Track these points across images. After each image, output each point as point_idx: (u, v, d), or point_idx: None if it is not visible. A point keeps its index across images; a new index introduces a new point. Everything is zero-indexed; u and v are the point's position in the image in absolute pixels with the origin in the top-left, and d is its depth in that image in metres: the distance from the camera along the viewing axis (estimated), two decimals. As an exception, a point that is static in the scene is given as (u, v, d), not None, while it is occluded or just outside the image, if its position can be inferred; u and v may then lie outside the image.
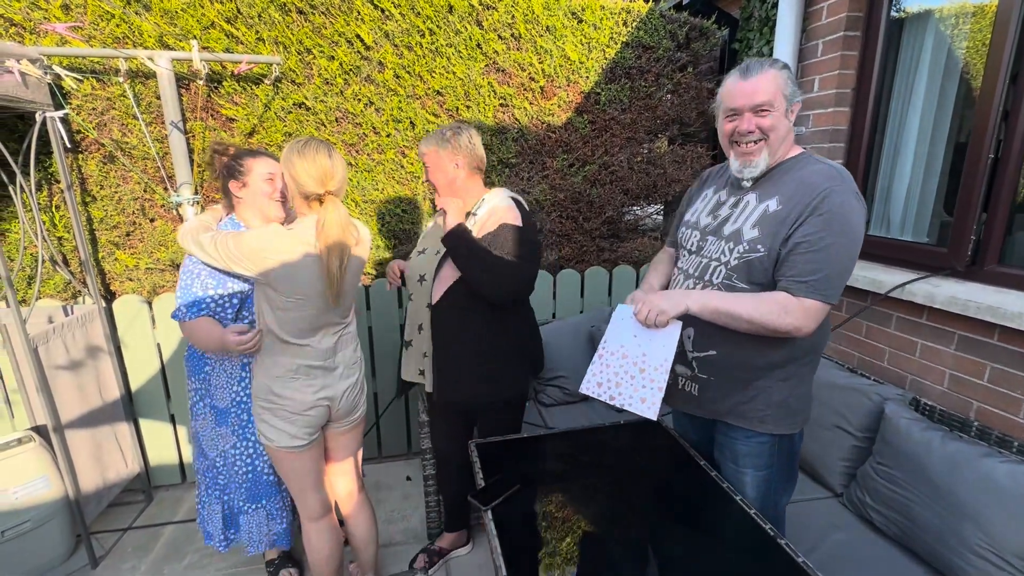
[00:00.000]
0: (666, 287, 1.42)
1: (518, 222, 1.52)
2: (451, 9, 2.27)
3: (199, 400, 1.61)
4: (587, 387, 1.20)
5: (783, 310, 1.09)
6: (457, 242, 1.50)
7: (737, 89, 1.15)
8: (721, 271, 1.21)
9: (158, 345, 2.24)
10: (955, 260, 1.71)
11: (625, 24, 2.45)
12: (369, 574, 1.70)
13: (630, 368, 1.17)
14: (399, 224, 2.46)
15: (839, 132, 2.09)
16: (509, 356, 1.61)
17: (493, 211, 1.54)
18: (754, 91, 1.12)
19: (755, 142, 1.16)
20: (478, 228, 1.54)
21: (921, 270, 1.81)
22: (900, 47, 1.95)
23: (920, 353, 1.76)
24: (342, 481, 1.62)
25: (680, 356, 1.30)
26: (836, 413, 1.76)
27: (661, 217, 3.12)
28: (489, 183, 2.47)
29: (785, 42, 2.20)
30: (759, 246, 1.15)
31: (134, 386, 2.26)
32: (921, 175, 1.92)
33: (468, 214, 1.60)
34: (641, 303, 1.16)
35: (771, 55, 2.31)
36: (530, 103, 2.46)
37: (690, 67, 2.62)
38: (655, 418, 1.15)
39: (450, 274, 1.55)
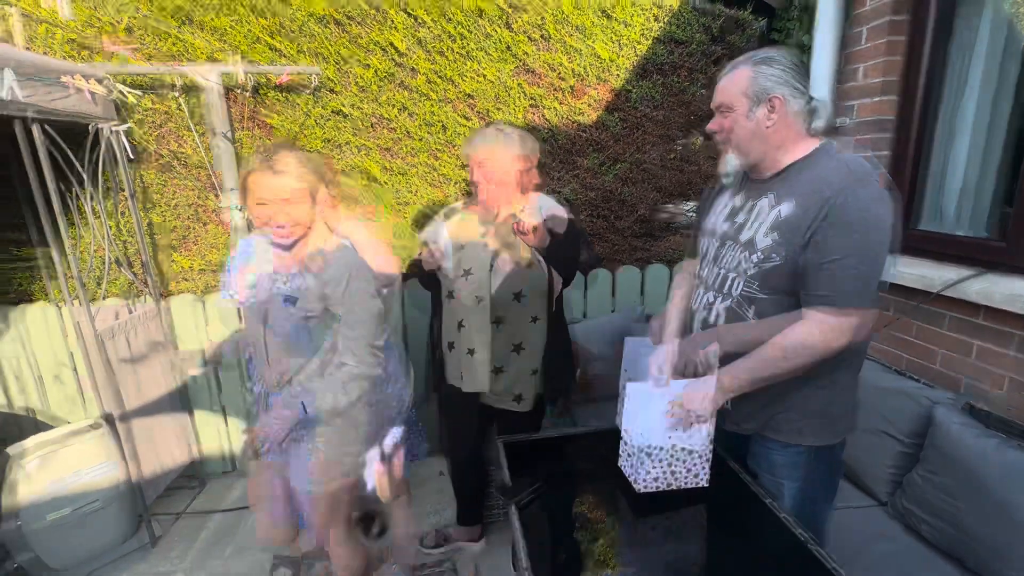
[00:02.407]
0: (688, 321, 1.35)
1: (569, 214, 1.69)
2: (481, 13, 2.31)
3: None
4: (644, 486, 1.17)
5: (803, 345, 1.04)
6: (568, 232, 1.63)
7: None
8: (739, 283, 1.15)
9: (210, 341, 2.40)
10: (1016, 255, 1.59)
11: (656, 19, 2.42)
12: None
13: (680, 455, 1.17)
14: (432, 225, 2.52)
15: (885, 122, 1.99)
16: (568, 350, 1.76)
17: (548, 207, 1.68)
18: (717, 91, 1.13)
19: (721, 141, 1.16)
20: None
21: (977, 266, 1.69)
22: (953, 29, 1.83)
23: (976, 355, 1.65)
24: None
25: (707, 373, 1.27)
26: (881, 417, 1.67)
27: (696, 215, 3.05)
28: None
29: (826, 30, 2.11)
30: (774, 254, 1.08)
31: (188, 379, 2.42)
32: (977, 165, 1.79)
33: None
34: (677, 409, 1.13)
35: (811, 44, 2.22)
36: (560, 103, 2.47)
37: (725, 60, 2.54)
38: (707, 485, 1.20)
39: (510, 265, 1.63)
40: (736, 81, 1.09)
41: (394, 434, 1.52)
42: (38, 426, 2.35)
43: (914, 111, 1.91)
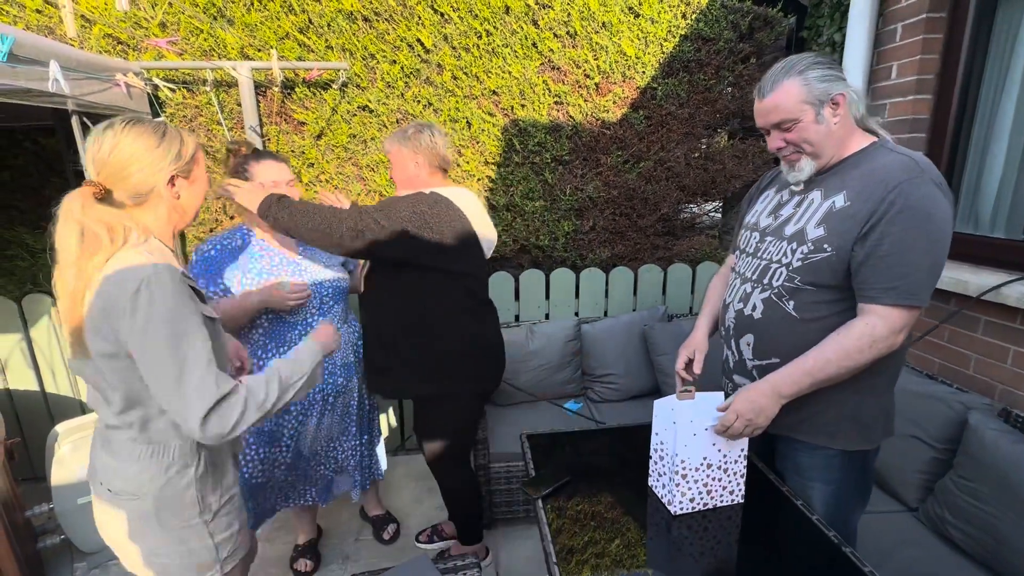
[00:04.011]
0: (720, 315, 1.35)
1: (399, 195, 1.54)
2: (508, 10, 2.31)
3: None
4: (681, 508, 1.15)
5: (871, 340, 1.02)
6: (268, 209, 1.42)
7: (756, 110, 1.13)
8: (782, 273, 1.14)
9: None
10: (1056, 259, 1.55)
11: (684, 16, 2.40)
12: None
13: (716, 473, 1.15)
14: (454, 221, 2.54)
15: (919, 122, 1.95)
16: (396, 350, 1.59)
17: None
18: (769, 110, 1.10)
19: (790, 154, 1.13)
20: None
21: (1015, 270, 1.65)
22: (993, 26, 1.79)
23: (1013, 360, 1.61)
24: None
25: (739, 365, 1.25)
26: (912, 422, 1.64)
27: (719, 215, 3.03)
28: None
29: (859, 27, 2.07)
30: (826, 246, 1.06)
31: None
32: (1016, 166, 1.75)
33: None
34: (735, 418, 1.09)
35: (843, 41, 2.18)
36: (585, 100, 2.46)
37: (753, 58, 2.53)
38: (742, 500, 1.18)
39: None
40: (789, 94, 1.07)
41: None
42: (83, 408, 2.42)
43: (950, 110, 1.87)
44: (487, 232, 1.64)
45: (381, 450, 2.05)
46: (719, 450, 1.13)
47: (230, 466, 1.12)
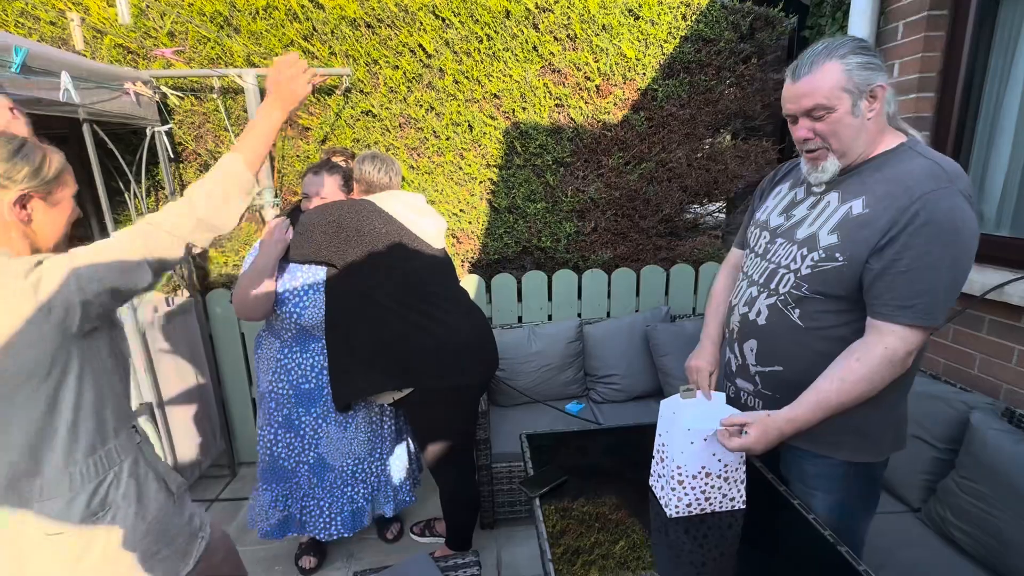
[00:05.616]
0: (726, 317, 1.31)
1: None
2: (508, 14, 2.33)
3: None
4: (677, 511, 1.14)
5: (891, 365, 0.96)
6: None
7: (786, 93, 1.04)
8: (790, 279, 1.08)
9: (242, 335, 2.48)
10: (1061, 257, 1.53)
11: (684, 18, 2.41)
12: None
13: (715, 481, 1.13)
14: (457, 224, 2.56)
15: (922, 120, 1.94)
16: (342, 358, 1.63)
17: None
18: (802, 94, 1.00)
19: (815, 149, 1.04)
20: None
21: (1021, 268, 1.63)
22: (996, 24, 1.77)
23: (1017, 360, 1.60)
24: None
25: (742, 369, 1.22)
26: (915, 422, 1.62)
27: (723, 215, 3.02)
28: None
29: (860, 26, 2.06)
30: (838, 254, 1.00)
31: (222, 371, 2.51)
32: (1021, 163, 1.73)
33: None
34: (732, 444, 1.05)
35: (845, 41, 2.17)
36: (585, 102, 2.48)
37: (754, 58, 2.52)
38: (744, 507, 1.16)
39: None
40: (828, 77, 0.97)
41: None
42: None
43: (953, 108, 1.86)
44: (426, 228, 1.67)
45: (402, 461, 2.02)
46: (719, 460, 1.11)
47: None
